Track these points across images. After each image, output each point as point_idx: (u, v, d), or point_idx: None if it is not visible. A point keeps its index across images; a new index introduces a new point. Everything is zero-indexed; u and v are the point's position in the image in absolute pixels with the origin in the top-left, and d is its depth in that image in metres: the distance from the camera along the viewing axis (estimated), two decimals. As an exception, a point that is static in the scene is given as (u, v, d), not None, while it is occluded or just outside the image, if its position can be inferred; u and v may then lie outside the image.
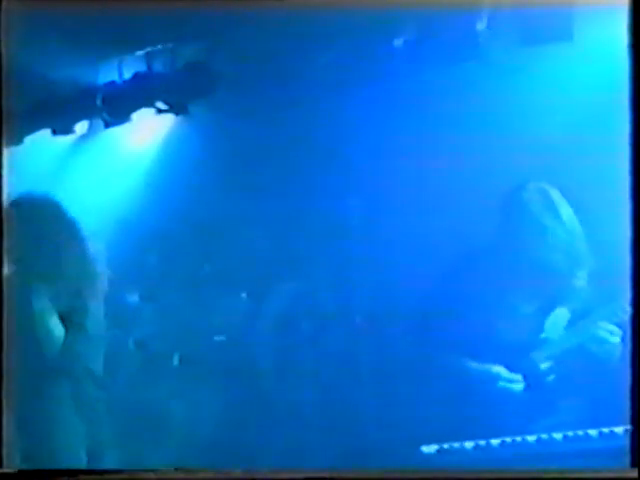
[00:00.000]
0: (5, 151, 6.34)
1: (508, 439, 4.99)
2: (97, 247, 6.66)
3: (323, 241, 6.77)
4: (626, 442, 4.34)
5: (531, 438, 4.99)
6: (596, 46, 5.71)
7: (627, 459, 4.16)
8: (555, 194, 5.72)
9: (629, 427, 4.37)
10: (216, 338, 6.85)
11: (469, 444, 5.00)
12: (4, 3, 5.52)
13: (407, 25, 6.11)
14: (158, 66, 7.01)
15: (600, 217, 5.59)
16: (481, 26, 5.83)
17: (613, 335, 5.47)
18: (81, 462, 5.11)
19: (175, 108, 7.04)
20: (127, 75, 7.05)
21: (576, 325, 5.66)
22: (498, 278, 5.68)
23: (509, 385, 5.59)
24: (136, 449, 5.85)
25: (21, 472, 4.67)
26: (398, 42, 6.20)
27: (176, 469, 5.04)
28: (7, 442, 4.77)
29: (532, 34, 5.74)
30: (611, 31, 5.17)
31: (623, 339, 5.38)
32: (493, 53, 5.91)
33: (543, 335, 5.70)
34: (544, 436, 5.00)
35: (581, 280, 5.70)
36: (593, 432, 4.99)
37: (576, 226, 5.71)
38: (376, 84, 6.45)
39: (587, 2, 5.60)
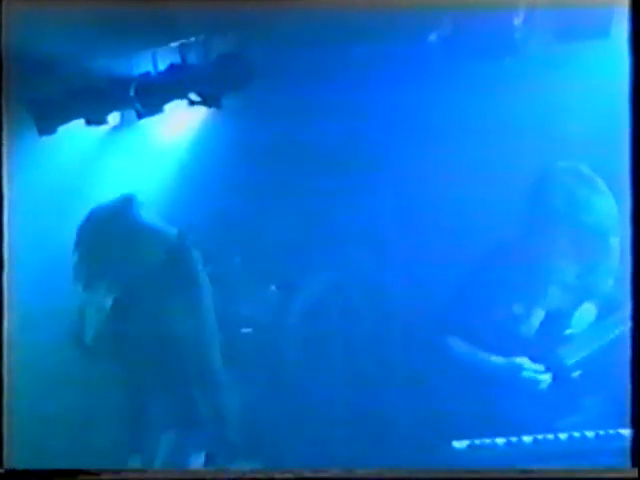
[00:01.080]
0: (32, 140, 6.41)
1: (540, 436, 4.99)
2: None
3: (353, 236, 6.79)
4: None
5: (562, 436, 4.98)
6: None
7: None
8: (583, 191, 5.71)
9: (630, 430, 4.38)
10: (244, 330, 6.87)
11: (500, 440, 5.00)
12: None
13: (442, 21, 6.09)
14: (191, 58, 7.00)
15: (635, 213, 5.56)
16: (518, 22, 5.81)
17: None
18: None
19: (208, 100, 7.04)
20: (161, 66, 7.05)
21: (603, 322, 5.65)
22: (525, 273, 5.67)
23: (535, 381, 5.58)
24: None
25: (21, 472, 4.68)
26: (432, 37, 6.18)
27: (176, 469, 5.07)
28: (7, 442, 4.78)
29: (568, 31, 5.71)
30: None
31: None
32: (529, 49, 5.89)
33: (570, 331, 5.69)
34: (576, 434, 4.99)
35: (610, 276, 5.68)
36: (623, 431, 4.98)
37: (607, 223, 5.69)
38: (411, 79, 6.45)
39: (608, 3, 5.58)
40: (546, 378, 5.57)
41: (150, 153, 7.35)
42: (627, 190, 5.29)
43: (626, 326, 5.48)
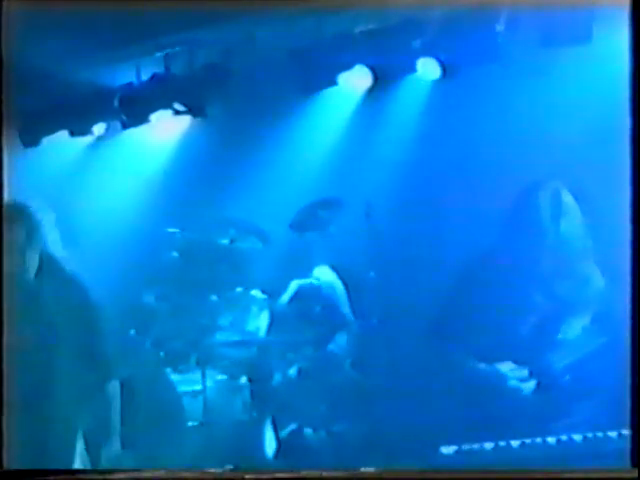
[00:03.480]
0: (13, 155, 6.38)
1: (527, 440, 4.98)
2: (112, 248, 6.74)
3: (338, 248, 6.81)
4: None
5: (551, 439, 4.98)
6: (614, 48, 5.70)
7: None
8: (567, 197, 5.73)
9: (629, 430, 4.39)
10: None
11: (488, 445, 4.99)
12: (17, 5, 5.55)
13: (426, 26, 6.12)
14: (176, 68, 7.03)
15: (619, 220, 5.57)
16: (500, 28, 5.84)
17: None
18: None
19: (192, 109, 7.06)
20: (145, 77, 7.08)
21: (593, 328, 5.66)
22: (515, 279, 5.67)
23: (523, 386, 5.59)
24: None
25: (21, 472, 4.67)
26: (416, 43, 6.21)
27: (176, 469, 5.06)
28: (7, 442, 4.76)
29: (551, 36, 5.74)
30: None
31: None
32: (512, 54, 5.92)
33: (559, 337, 5.70)
34: (563, 437, 4.99)
35: (599, 284, 5.69)
36: (612, 434, 4.98)
37: (591, 229, 5.71)
38: (397, 85, 6.49)
39: (603, 3, 5.60)
40: (533, 384, 5.57)
41: (135, 163, 7.35)
42: (612, 192, 5.32)
43: (614, 332, 5.51)
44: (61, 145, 7.36)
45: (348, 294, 6.78)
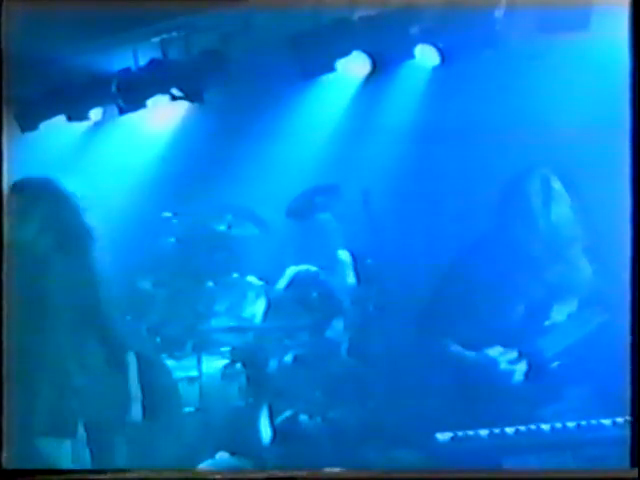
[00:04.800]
0: (11, 140, 6.36)
1: (522, 427, 4.99)
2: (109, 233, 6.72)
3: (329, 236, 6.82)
4: (627, 432, 4.37)
5: (545, 426, 4.99)
6: (612, 35, 5.69)
7: (627, 448, 4.18)
8: (556, 184, 5.74)
9: (629, 418, 4.39)
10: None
11: (483, 432, 5.00)
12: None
13: (424, 13, 6.11)
14: (173, 53, 7.01)
15: (609, 208, 5.58)
16: (498, 14, 5.83)
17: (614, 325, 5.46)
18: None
19: (190, 95, 7.04)
20: (142, 62, 7.05)
21: (582, 314, 5.67)
22: (504, 266, 5.68)
23: (514, 367, 5.60)
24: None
25: (21, 472, 4.67)
26: (415, 30, 6.21)
27: (175, 469, 5.06)
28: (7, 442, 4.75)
29: (549, 23, 5.73)
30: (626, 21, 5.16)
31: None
32: (510, 41, 5.91)
33: (548, 322, 5.71)
34: (558, 425, 5.00)
35: (587, 269, 5.71)
36: (606, 421, 4.99)
37: (580, 216, 5.72)
38: (394, 73, 6.49)
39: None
40: (524, 369, 5.59)
41: (132, 148, 7.35)
42: (605, 180, 5.33)
43: (604, 317, 5.52)
44: (58, 130, 7.35)
45: (345, 281, 6.78)
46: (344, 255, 6.77)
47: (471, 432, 5.02)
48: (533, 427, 4.97)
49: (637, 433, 4.11)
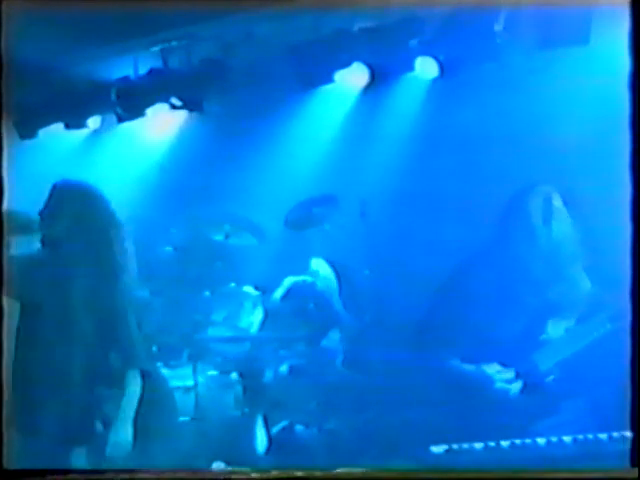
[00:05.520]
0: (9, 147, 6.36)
1: (517, 441, 4.98)
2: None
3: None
4: (627, 446, 4.36)
5: (540, 440, 4.98)
6: (612, 49, 5.70)
7: (627, 462, 4.18)
8: (557, 201, 5.74)
9: (629, 431, 4.38)
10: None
11: (478, 445, 4.99)
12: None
13: (424, 25, 6.12)
14: (173, 62, 7.03)
15: (610, 225, 5.58)
16: (498, 27, 5.84)
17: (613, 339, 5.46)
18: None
19: (189, 104, 7.05)
20: (142, 71, 7.08)
21: (578, 328, 5.67)
22: (503, 281, 5.68)
23: (509, 386, 5.60)
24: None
25: (21, 472, 4.66)
26: (414, 42, 6.22)
27: (175, 469, 5.04)
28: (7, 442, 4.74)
29: (549, 36, 5.74)
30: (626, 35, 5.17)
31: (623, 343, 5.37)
32: (510, 54, 5.92)
33: (544, 337, 5.71)
34: (553, 439, 4.99)
35: (585, 284, 5.71)
36: (602, 435, 4.98)
37: (579, 232, 5.72)
38: (396, 83, 6.50)
39: (602, 3, 5.59)
40: (521, 385, 5.59)
41: (131, 157, 7.36)
42: (606, 196, 5.33)
43: (602, 331, 5.52)
44: (57, 137, 7.36)
45: (341, 291, 6.78)
46: (341, 266, 6.78)
47: (466, 445, 5.02)
48: (528, 441, 4.97)
49: (637, 433, 4.10)
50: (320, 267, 6.88)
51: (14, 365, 4.99)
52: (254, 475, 4.75)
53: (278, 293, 6.85)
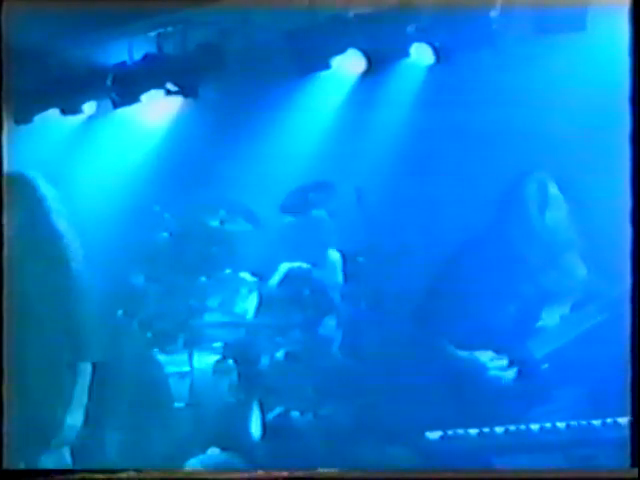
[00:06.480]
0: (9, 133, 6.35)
1: (512, 427, 5.00)
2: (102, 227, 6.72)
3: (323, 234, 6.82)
4: (622, 433, 4.37)
5: (534, 427, 5.00)
6: (609, 36, 5.69)
7: (625, 449, 4.18)
8: (553, 188, 5.74)
9: (625, 418, 4.40)
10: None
11: (473, 431, 5.01)
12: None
13: (420, 11, 6.11)
14: (169, 48, 7.01)
15: (606, 212, 5.58)
16: (495, 13, 5.83)
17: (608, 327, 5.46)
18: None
19: (185, 90, 7.04)
20: (137, 56, 7.05)
21: (573, 316, 5.68)
22: (499, 267, 5.69)
23: (504, 373, 5.61)
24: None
25: (21, 472, 4.66)
26: (410, 28, 6.21)
27: (175, 470, 5.05)
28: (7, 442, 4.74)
29: (545, 23, 5.73)
30: (624, 23, 5.16)
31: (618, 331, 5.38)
32: (506, 41, 5.92)
33: (539, 324, 5.72)
34: (547, 425, 5.01)
35: (580, 271, 5.72)
36: (596, 422, 5.00)
37: (575, 220, 5.72)
38: (390, 72, 6.50)
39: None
40: (515, 371, 5.60)
41: (126, 142, 7.34)
42: (601, 183, 5.33)
43: (597, 318, 5.53)
44: (52, 123, 7.35)
45: (337, 278, 6.78)
46: (337, 252, 6.77)
47: (461, 431, 5.04)
48: (523, 427, 4.99)
49: (637, 433, 4.11)
50: (316, 253, 6.88)
51: None
52: (249, 476, 4.78)
53: (274, 279, 6.85)
